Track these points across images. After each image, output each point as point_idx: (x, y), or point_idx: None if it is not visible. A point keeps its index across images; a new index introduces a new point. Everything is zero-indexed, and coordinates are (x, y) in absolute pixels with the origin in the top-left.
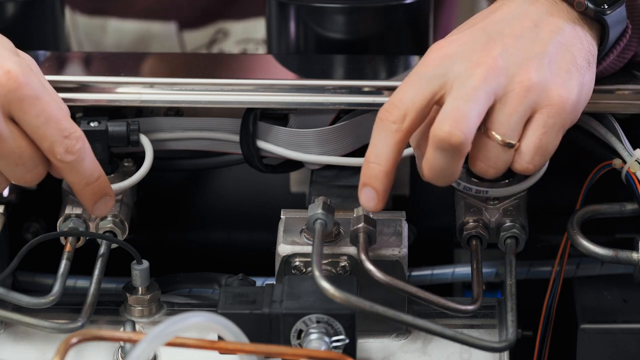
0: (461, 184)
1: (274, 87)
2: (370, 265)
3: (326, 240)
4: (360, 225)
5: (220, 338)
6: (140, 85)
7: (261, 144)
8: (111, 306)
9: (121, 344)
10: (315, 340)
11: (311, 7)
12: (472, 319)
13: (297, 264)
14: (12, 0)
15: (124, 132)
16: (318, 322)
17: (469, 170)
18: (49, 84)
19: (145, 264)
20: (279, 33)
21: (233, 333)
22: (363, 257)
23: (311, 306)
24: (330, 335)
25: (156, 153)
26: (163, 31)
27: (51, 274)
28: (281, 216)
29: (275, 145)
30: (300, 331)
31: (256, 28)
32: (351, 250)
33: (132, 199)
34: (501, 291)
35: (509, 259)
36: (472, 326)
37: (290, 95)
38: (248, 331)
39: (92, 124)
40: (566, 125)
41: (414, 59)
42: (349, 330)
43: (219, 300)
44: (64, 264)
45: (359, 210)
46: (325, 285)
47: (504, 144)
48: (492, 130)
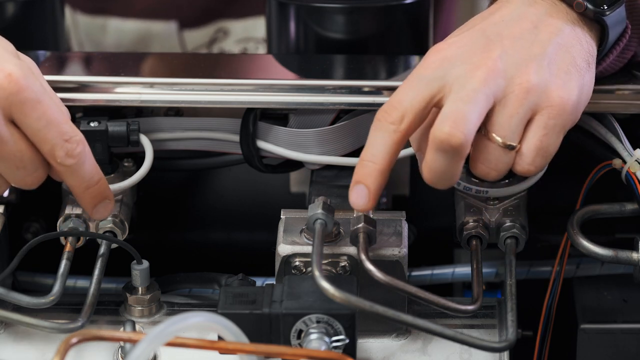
0: (461, 184)
1: (274, 87)
2: (370, 265)
3: (326, 240)
4: (360, 225)
5: (220, 338)
6: (140, 85)
7: (261, 144)
8: (111, 306)
9: (121, 344)
10: (315, 340)
11: (311, 7)
12: (472, 319)
13: (297, 264)
14: (12, 0)
15: (124, 132)
16: (318, 322)
17: (469, 171)
18: (50, 87)
19: (145, 264)
20: (279, 33)
21: (233, 333)
22: (363, 257)
23: (311, 306)
24: (330, 335)
25: (156, 153)
26: (163, 30)
27: (51, 274)
28: (281, 216)
29: (275, 145)
30: (300, 331)
31: (256, 27)
32: (351, 250)
33: (132, 199)
34: (501, 291)
35: (509, 259)
36: (472, 326)
37: (290, 95)
38: (248, 331)
39: (92, 124)
40: (567, 126)
41: (414, 59)
42: (349, 330)
43: (219, 300)
44: (64, 264)
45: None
46: (325, 285)
47: (505, 146)
48: (493, 133)
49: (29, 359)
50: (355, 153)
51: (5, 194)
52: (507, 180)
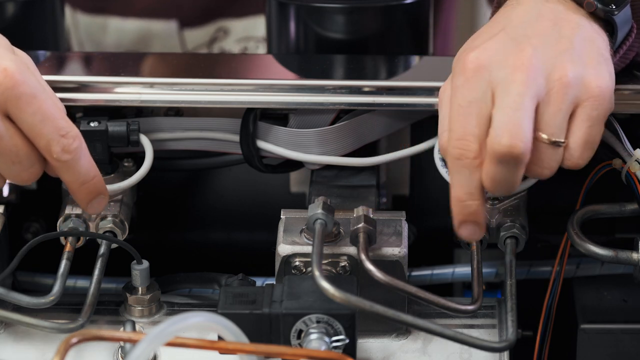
0: None
1: (274, 87)
2: (370, 265)
3: (326, 240)
4: (360, 225)
5: (220, 338)
6: (140, 85)
7: (261, 144)
8: (111, 306)
9: (121, 344)
10: (315, 340)
11: (311, 7)
12: (472, 319)
13: (297, 264)
14: (12, 0)
15: (124, 132)
16: (318, 322)
17: None
18: (46, 83)
19: (145, 264)
20: (279, 33)
21: (233, 333)
22: (363, 257)
23: (311, 306)
24: (330, 335)
25: (156, 153)
26: (163, 30)
27: (51, 274)
28: (281, 216)
29: (275, 145)
30: (300, 331)
31: (256, 26)
32: (351, 250)
33: (132, 199)
34: (501, 291)
35: (509, 259)
36: (472, 326)
37: (290, 95)
38: (248, 331)
39: (92, 124)
40: (607, 115)
41: (414, 59)
42: (349, 330)
43: (219, 300)
44: (64, 264)
45: (359, 210)
46: (325, 285)
47: (553, 143)
48: (540, 132)
49: (29, 359)
50: (356, 153)
51: (5, 193)
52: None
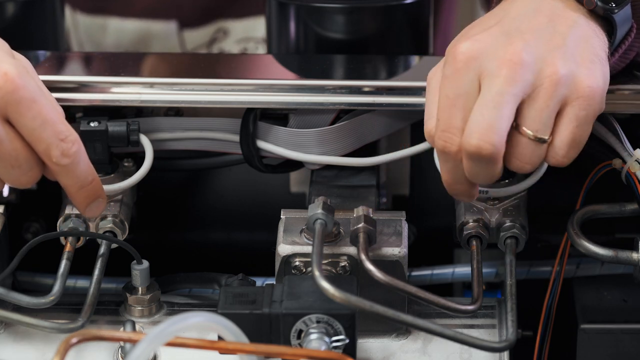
0: None
1: (274, 87)
2: (370, 265)
3: (326, 240)
4: (360, 225)
5: (220, 338)
6: (140, 85)
7: (261, 144)
8: (111, 306)
9: (121, 344)
10: (315, 340)
11: (311, 7)
12: (472, 319)
13: (297, 264)
14: (12, 0)
15: (124, 132)
16: (318, 322)
17: None
18: (44, 86)
19: (145, 264)
20: (279, 33)
21: (233, 333)
22: (363, 257)
23: (311, 306)
24: (330, 335)
25: (156, 153)
26: (163, 30)
27: (51, 274)
28: (281, 216)
29: (275, 145)
30: (300, 331)
31: (256, 27)
32: (351, 250)
33: (132, 199)
34: (501, 291)
35: (509, 259)
36: (472, 326)
37: (290, 95)
38: (248, 331)
39: (92, 124)
40: (596, 115)
41: (414, 59)
42: (349, 330)
43: (219, 300)
44: (64, 264)
45: (359, 210)
46: (325, 285)
47: (537, 139)
48: (524, 127)
49: (29, 359)
50: (355, 153)
51: (5, 193)
52: (507, 180)
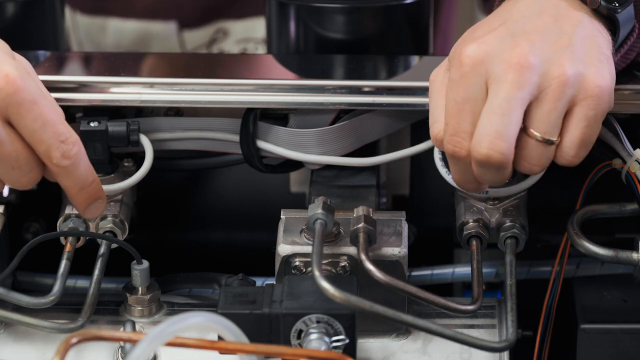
0: None
1: (274, 87)
2: (370, 265)
3: (326, 240)
4: (360, 225)
5: (220, 338)
6: (140, 85)
7: (261, 144)
8: (111, 306)
9: (121, 344)
10: (315, 340)
11: (311, 7)
12: (472, 319)
13: (297, 264)
14: (12, 0)
15: (124, 132)
16: (318, 322)
17: None
18: (45, 88)
19: (145, 264)
20: (279, 33)
21: (233, 333)
22: (363, 257)
23: (311, 306)
24: (330, 335)
25: (156, 153)
26: (163, 31)
27: (51, 274)
28: (281, 216)
29: (275, 145)
30: (300, 331)
31: (256, 27)
32: (351, 250)
33: (132, 199)
34: (501, 291)
35: (509, 259)
36: (472, 326)
37: (290, 95)
38: (248, 331)
39: (92, 124)
40: (605, 114)
41: (414, 59)
42: (349, 330)
43: (219, 300)
44: (64, 264)
45: (359, 210)
46: (325, 285)
47: (545, 141)
48: (532, 129)
49: (29, 359)
50: (355, 153)
51: (5, 193)
52: (507, 180)
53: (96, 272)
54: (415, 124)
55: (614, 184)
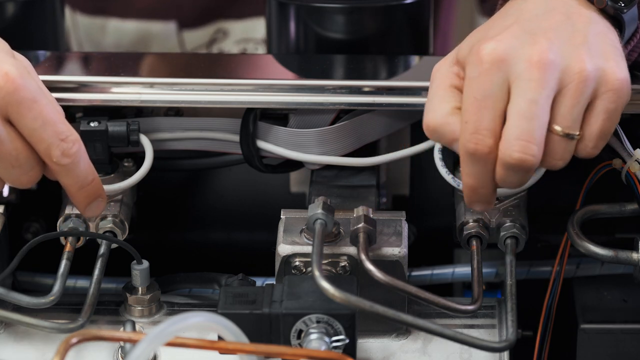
0: (461, 184)
1: (274, 87)
2: (370, 265)
3: (326, 240)
4: (360, 225)
5: (220, 338)
6: (140, 85)
7: (261, 144)
8: (111, 306)
9: (121, 344)
10: (315, 340)
11: (311, 7)
12: (472, 319)
13: (297, 264)
14: (12, 0)
15: (124, 132)
16: (318, 322)
17: None
18: (45, 86)
19: (145, 264)
20: (279, 33)
21: (233, 333)
22: (363, 257)
23: (311, 306)
24: (330, 335)
25: (156, 153)
26: (163, 31)
27: (51, 274)
28: (281, 216)
29: (275, 145)
30: (300, 331)
31: (256, 28)
32: (351, 250)
33: (132, 199)
34: (501, 291)
35: (509, 259)
36: (472, 326)
37: (290, 95)
38: (248, 331)
39: (92, 124)
40: (624, 106)
41: (414, 59)
42: (349, 330)
43: (219, 300)
44: (64, 264)
45: (359, 210)
46: (325, 285)
47: (567, 135)
48: (554, 124)
49: (29, 359)
50: (355, 153)
51: (5, 193)
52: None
53: (96, 272)
54: (415, 124)
55: (614, 184)
